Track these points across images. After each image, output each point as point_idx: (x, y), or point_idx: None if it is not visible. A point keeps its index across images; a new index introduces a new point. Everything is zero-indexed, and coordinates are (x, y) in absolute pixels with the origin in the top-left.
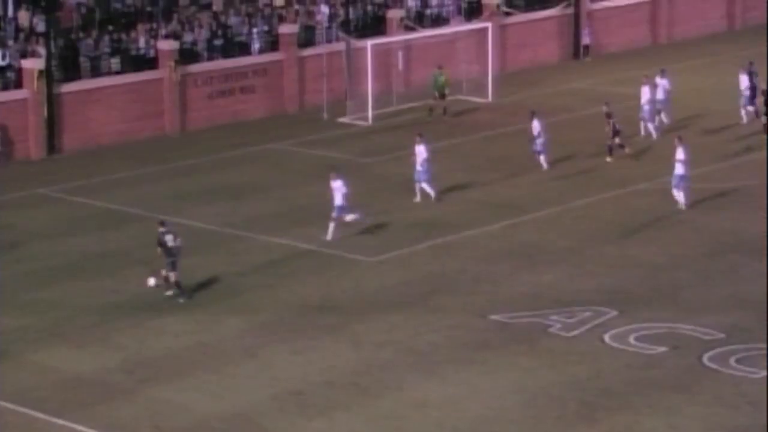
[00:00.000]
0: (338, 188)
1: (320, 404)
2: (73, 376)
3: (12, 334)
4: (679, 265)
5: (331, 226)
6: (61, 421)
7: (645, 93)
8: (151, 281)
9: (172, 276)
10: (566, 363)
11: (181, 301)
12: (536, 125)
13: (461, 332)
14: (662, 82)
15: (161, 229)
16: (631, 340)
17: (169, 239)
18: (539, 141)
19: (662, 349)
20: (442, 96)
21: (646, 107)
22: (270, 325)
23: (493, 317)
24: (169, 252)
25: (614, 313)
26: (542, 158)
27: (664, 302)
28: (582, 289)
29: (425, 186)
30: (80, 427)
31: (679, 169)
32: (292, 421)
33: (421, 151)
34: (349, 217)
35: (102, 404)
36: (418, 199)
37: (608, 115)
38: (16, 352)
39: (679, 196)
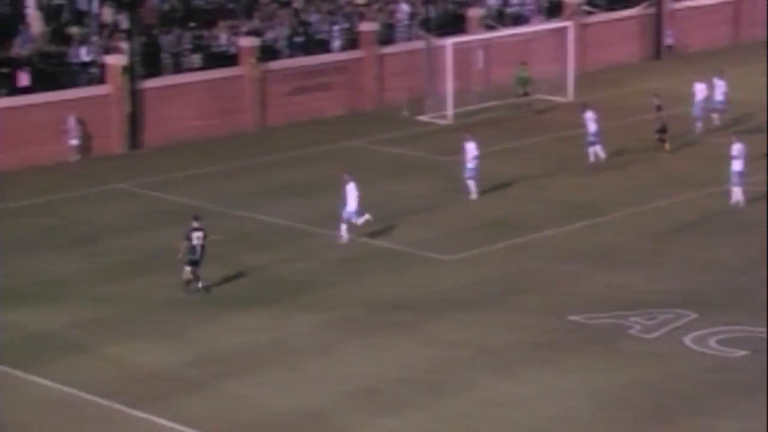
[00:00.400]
0: (351, 191)
1: (393, 402)
2: (149, 370)
3: (89, 328)
4: (758, 268)
5: (343, 227)
6: (137, 413)
7: (699, 91)
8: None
9: (188, 271)
10: (643, 365)
11: (182, 295)
12: (590, 116)
13: (536, 332)
14: (719, 84)
15: (194, 224)
16: (712, 343)
17: (196, 236)
18: (591, 133)
19: (742, 352)
20: (525, 93)
21: (699, 105)
22: (344, 322)
23: (571, 318)
24: (192, 249)
25: (694, 315)
26: (598, 149)
27: (744, 305)
28: (660, 290)
29: (470, 183)
30: (156, 419)
31: (736, 166)
32: (365, 419)
33: (471, 149)
34: (361, 220)
35: (176, 398)
36: (473, 196)
37: (658, 108)
38: (94, 345)
39: (737, 192)
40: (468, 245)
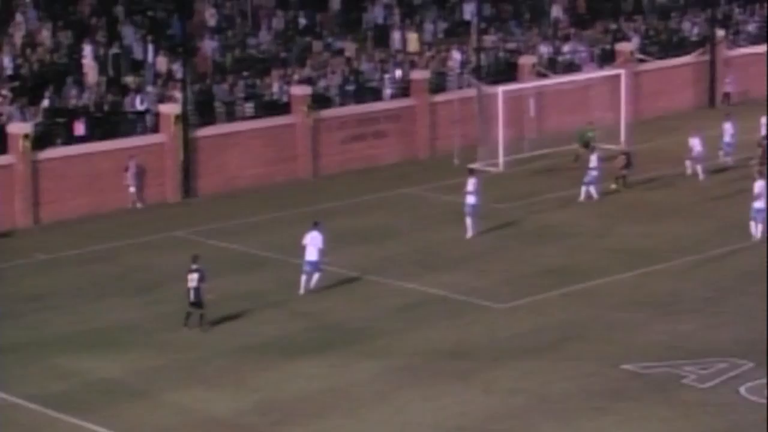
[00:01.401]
0: (314, 239)
1: None
2: (209, 417)
3: (150, 374)
4: None
5: (316, 276)
6: None
7: (695, 145)
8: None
9: (191, 310)
10: (702, 414)
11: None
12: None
13: (594, 381)
14: (727, 126)
15: (192, 266)
16: None
17: (191, 278)
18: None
19: None
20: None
21: (696, 150)
22: (402, 369)
23: (626, 367)
24: (187, 292)
25: (751, 364)
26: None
27: None
28: (717, 339)
29: (467, 220)
30: None
31: (759, 203)
32: None
33: (471, 183)
34: (317, 276)
35: None
36: (469, 234)
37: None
38: (154, 391)
39: (755, 229)
40: (525, 293)
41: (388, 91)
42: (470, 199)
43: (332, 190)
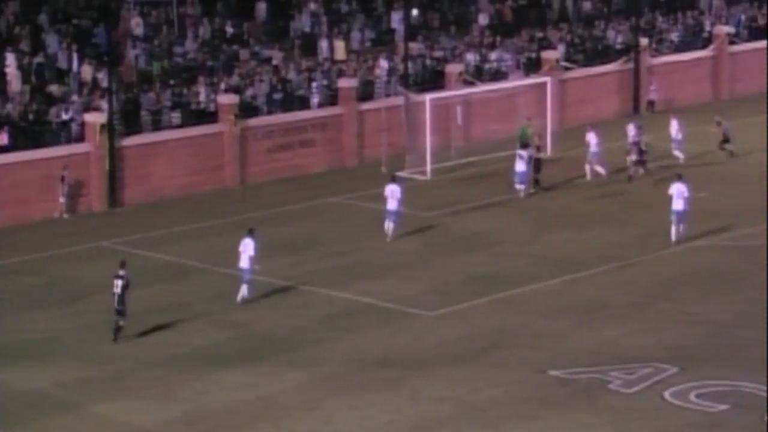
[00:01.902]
0: (246, 247)
1: None
2: (136, 428)
3: (76, 386)
4: (741, 323)
5: (244, 287)
6: None
7: (591, 139)
8: None
9: (121, 321)
10: (627, 420)
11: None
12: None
13: (521, 387)
14: (674, 122)
15: (119, 272)
16: (692, 397)
17: (116, 284)
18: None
19: (724, 407)
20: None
21: (593, 150)
22: (330, 379)
23: (554, 373)
24: (113, 296)
25: (675, 369)
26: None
27: (727, 359)
28: (643, 345)
29: (391, 225)
30: None
31: (677, 205)
32: None
33: (394, 190)
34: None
35: None
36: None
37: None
38: (81, 403)
39: (674, 231)
40: (452, 300)
41: (315, 100)
42: (392, 205)
43: (259, 199)
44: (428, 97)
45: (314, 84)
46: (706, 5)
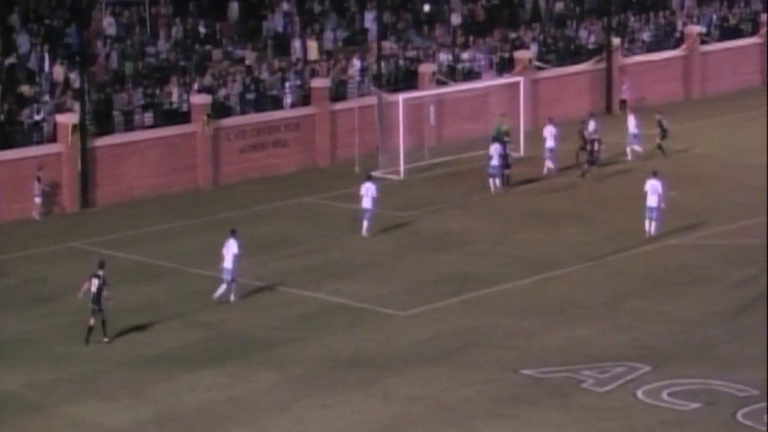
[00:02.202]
0: (230, 247)
1: None
2: (107, 429)
3: (46, 387)
4: (712, 321)
5: (223, 286)
6: None
7: (549, 133)
8: None
9: (92, 321)
10: (598, 419)
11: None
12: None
13: (493, 387)
14: (630, 118)
15: (98, 271)
16: (665, 396)
17: (93, 283)
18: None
19: (696, 405)
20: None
21: (549, 146)
22: (302, 379)
23: (525, 372)
24: (90, 296)
25: (647, 368)
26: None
27: (698, 358)
28: (615, 344)
29: (367, 222)
30: None
31: (651, 201)
32: None
33: (369, 188)
34: (222, 288)
35: None
36: (365, 233)
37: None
38: (51, 404)
39: (648, 225)
40: (424, 300)
41: (288, 100)
42: (367, 203)
43: (232, 200)
44: (401, 97)
45: (287, 84)
46: (677, 5)
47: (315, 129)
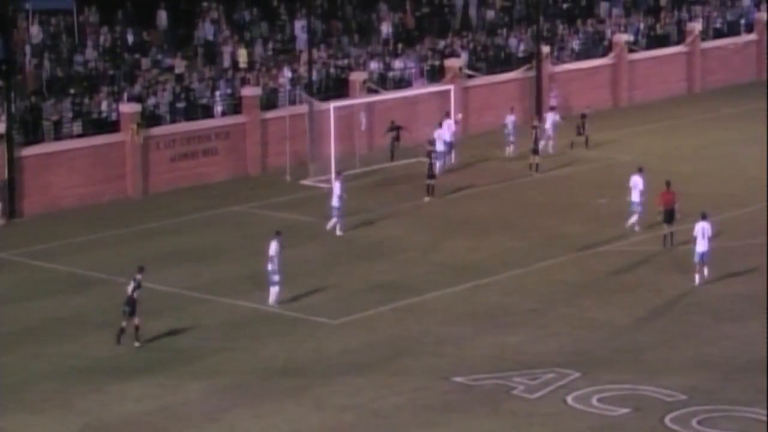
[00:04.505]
0: (272, 249)
1: None
2: None
3: None
4: (640, 327)
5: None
6: None
7: (438, 137)
8: None
9: (123, 323)
10: (529, 425)
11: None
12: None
13: (425, 395)
14: (449, 122)
15: (137, 276)
16: (594, 401)
17: (129, 287)
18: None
19: (624, 410)
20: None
21: (440, 148)
22: (233, 388)
23: (457, 379)
24: (126, 299)
25: (577, 374)
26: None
27: (627, 363)
28: (545, 350)
29: (335, 222)
30: None
31: (634, 197)
32: None
33: (336, 187)
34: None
35: None
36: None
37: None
38: None
39: (631, 219)
40: (355, 308)
41: (218, 108)
42: (334, 201)
43: (161, 209)
44: (332, 105)
45: (217, 92)
46: (606, 14)
47: (245, 137)
